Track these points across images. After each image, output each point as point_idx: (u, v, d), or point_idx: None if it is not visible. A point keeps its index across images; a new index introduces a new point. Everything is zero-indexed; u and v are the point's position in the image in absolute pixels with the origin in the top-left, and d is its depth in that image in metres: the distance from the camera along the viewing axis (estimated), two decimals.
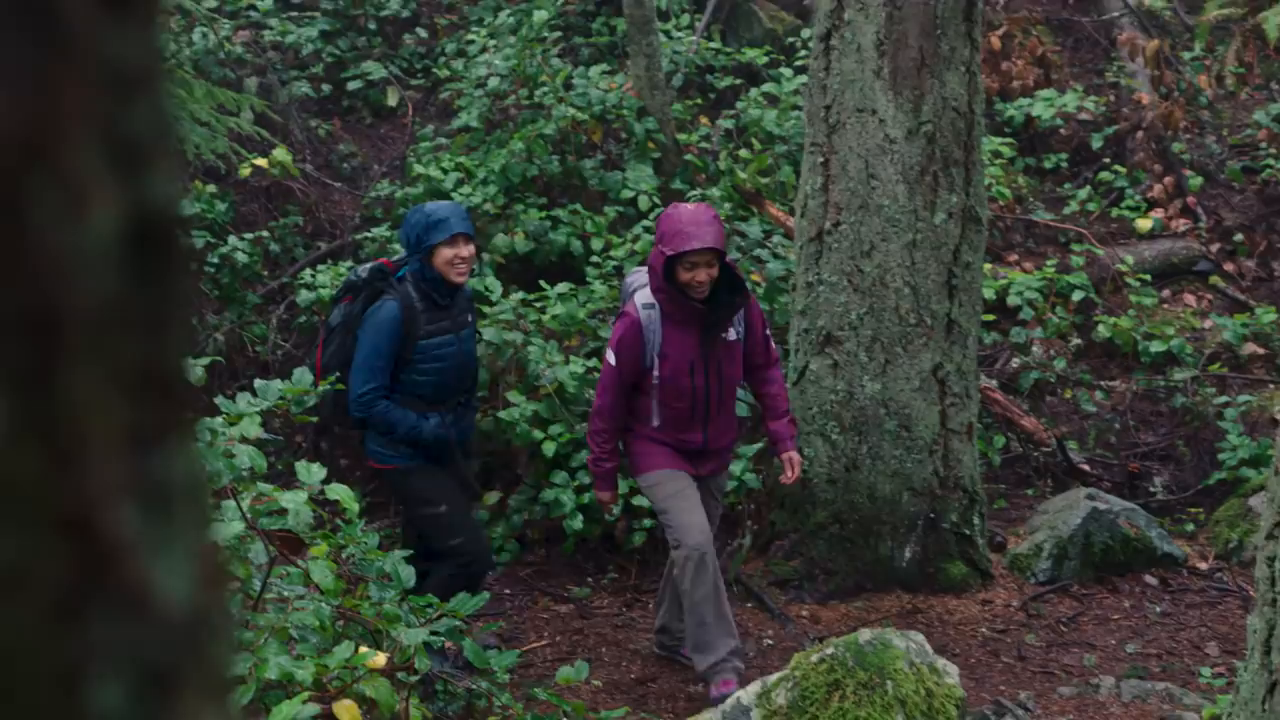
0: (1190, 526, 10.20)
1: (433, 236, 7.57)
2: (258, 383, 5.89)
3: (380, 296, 7.70)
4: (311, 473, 5.51)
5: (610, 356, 7.53)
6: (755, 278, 10.66)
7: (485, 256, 11.25)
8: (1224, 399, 11.03)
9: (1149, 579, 9.28)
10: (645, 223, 11.39)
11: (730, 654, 7.48)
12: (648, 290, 7.51)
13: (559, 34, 13.77)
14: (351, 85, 14.15)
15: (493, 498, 9.85)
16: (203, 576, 0.75)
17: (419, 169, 12.06)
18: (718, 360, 7.55)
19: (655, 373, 7.51)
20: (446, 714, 6.59)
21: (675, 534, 7.51)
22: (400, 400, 7.71)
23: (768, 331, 7.86)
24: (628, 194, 11.92)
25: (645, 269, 7.71)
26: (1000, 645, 8.45)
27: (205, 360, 5.95)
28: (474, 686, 6.70)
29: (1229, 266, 12.77)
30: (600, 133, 12.45)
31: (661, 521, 7.82)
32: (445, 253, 7.61)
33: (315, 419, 9.99)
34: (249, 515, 5.33)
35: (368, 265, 7.94)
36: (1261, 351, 11.48)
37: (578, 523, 9.30)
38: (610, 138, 12.69)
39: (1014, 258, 12.69)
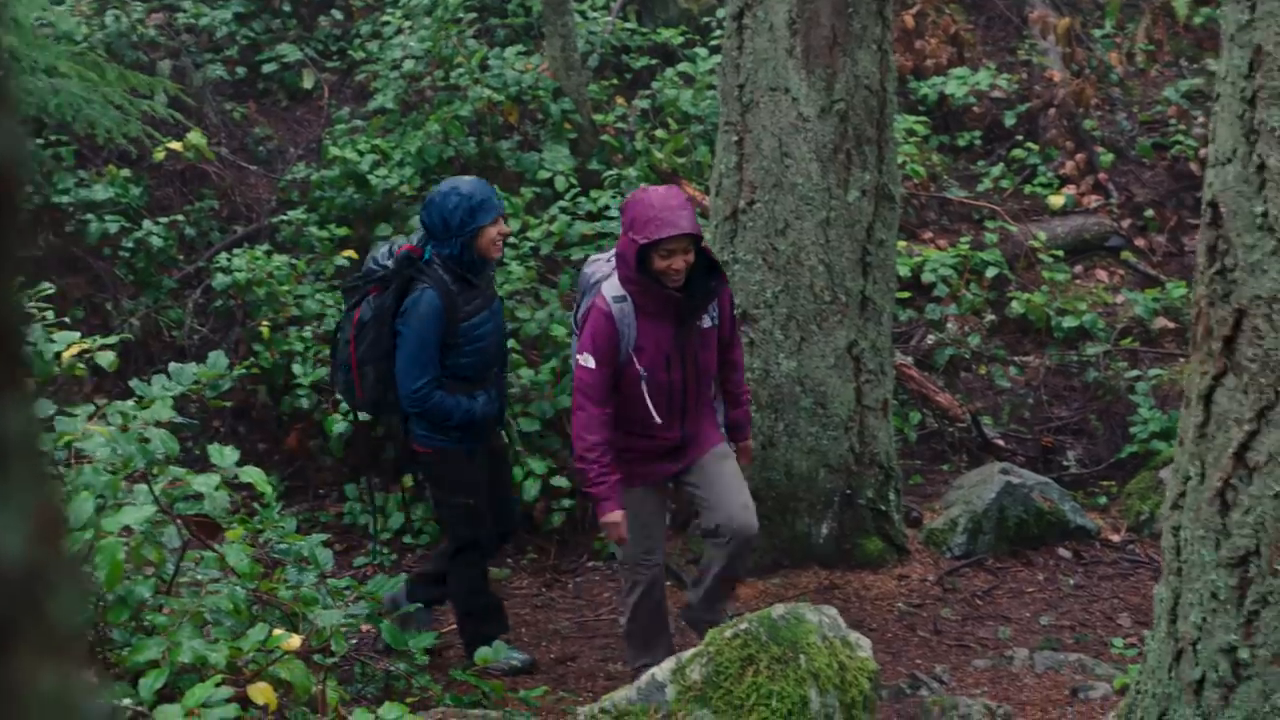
0: (1103, 499, 10.29)
1: (479, 218, 7.39)
2: (172, 366, 5.87)
3: (413, 285, 7.51)
4: (224, 455, 5.48)
5: (586, 360, 7.01)
6: None
7: (401, 239, 11.23)
8: (1135, 373, 11.13)
9: (1062, 552, 9.37)
10: (561, 203, 11.41)
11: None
12: (615, 281, 7.04)
13: (474, 15, 13.74)
14: (266, 68, 14.03)
15: (410, 480, 9.86)
16: (38, 533, 0.74)
17: (335, 151, 12.01)
18: (694, 350, 7.12)
19: (635, 367, 7.03)
20: (364, 695, 6.58)
21: (623, 556, 7.36)
22: (446, 385, 7.54)
23: (735, 312, 7.57)
24: (544, 175, 11.91)
25: (602, 258, 7.43)
26: (916, 619, 8.52)
27: (113, 339, 5.89)
28: (392, 668, 6.70)
29: (1140, 242, 12.88)
30: (516, 114, 12.43)
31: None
32: (490, 232, 7.46)
33: (228, 404, 9.97)
34: (162, 499, 5.30)
35: (385, 252, 7.77)
36: (1172, 325, 11.61)
37: None
38: (526, 119, 12.68)
39: (928, 235, 12.75)
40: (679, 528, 9.17)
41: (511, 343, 9.90)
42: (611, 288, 7.02)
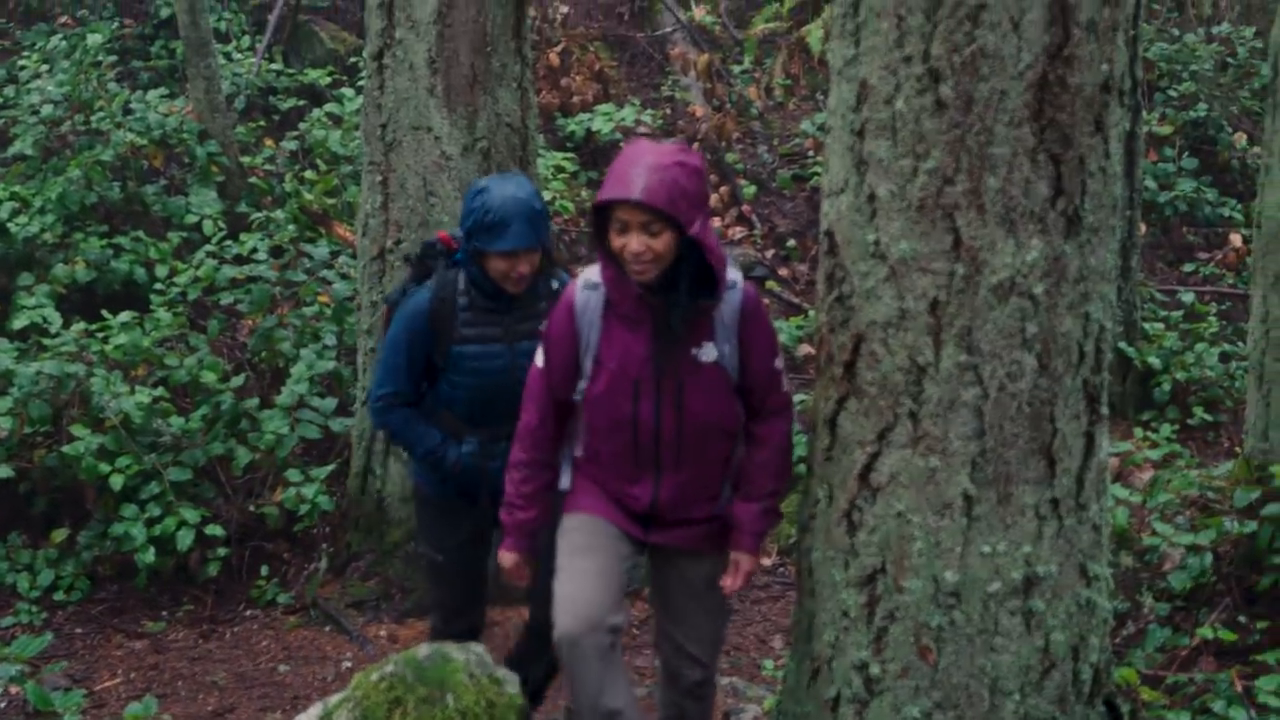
0: None
1: (485, 242, 5.79)
2: None
3: (427, 278, 6.13)
4: None
5: (538, 356, 5.37)
6: (323, 299, 10.61)
7: (45, 287, 10.96)
8: None
9: None
10: (209, 247, 11.24)
11: None
12: (597, 268, 5.19)
13: (115, 58, 13.53)
14: None
15: (60, 535, 9.60)
16: None
17: None
18: (677, 386, 5.11)
19: (584, 384, 5.26)
20: None
21: (554, 607, 5.20)
22: (437, 413, 6.14)
23: (778, 364, 5.25)
24: (192, 219, 11.78)
25: None
26: None
27: None
28: None
29: (784, 271, 13.22)
30: (161, 158, 12.27)
31: None
32: (498, 265, 5.83)
33: None
34: None
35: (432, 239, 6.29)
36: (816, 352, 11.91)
37: (149, 556, 9.12)
38: (172, 162, 12.52)
39: (579, 270, 12.87)
40: (338, 572, 9.09)
41: (160, 390, 9.70)
42: (590, 272, 5.25)
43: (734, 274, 5.10)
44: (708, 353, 5.09)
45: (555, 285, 6.15)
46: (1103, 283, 4.29)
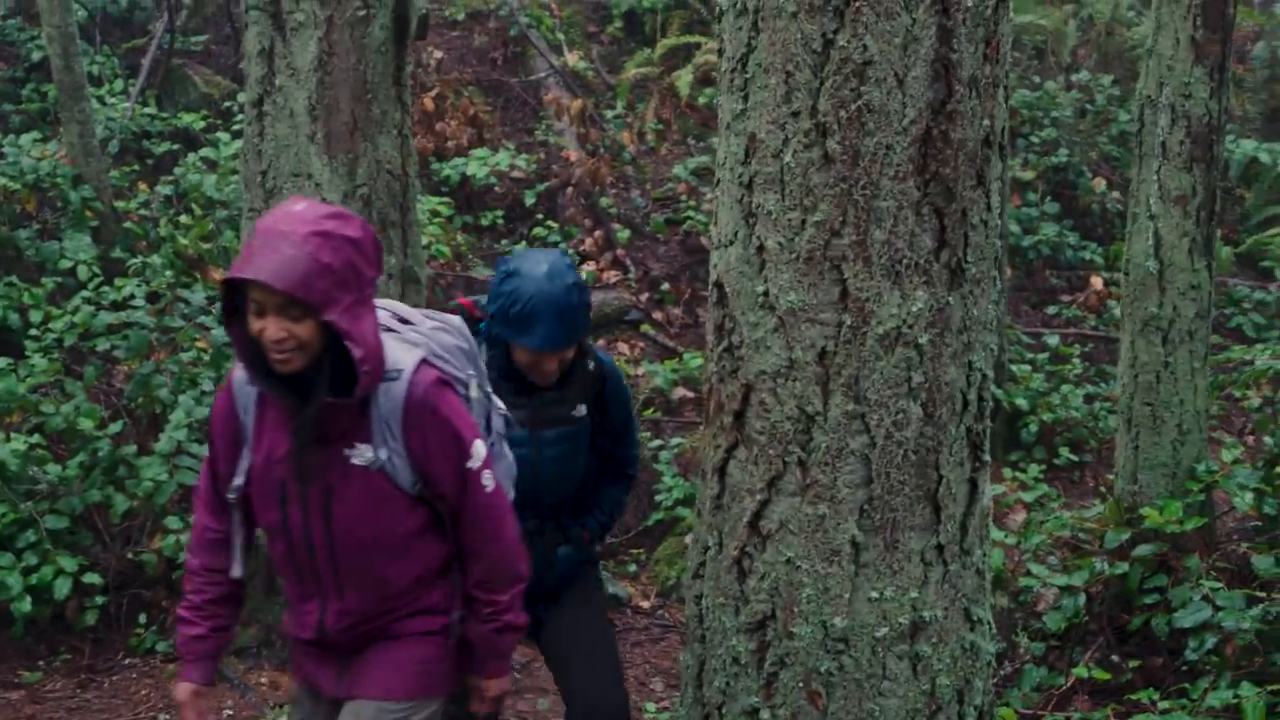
0: (633, 567, 10.53)
1: (510, 334, 5.22)
2: None
3: None
4: None
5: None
6: (201, 344, 10.55)
7: None
8: (659, 443, 11.45)
9: None
10: (85, 293, 11.15)
11: None
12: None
13: None
14: None
15: None
16: None
17: None
18: (325, 492, 4.31)
19: (238, 481, 4.45)
20: None
21: None
22: None
23: (472, 464, 4.42)
24: (66, 264, 11.66)
25: None
26: None
27: None
28: None
29: (658, 315, 13.30)
30: (34, 202, 12.17)
31: None
32: (523, 357, 5.28)
33: None
34: None
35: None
36: (691, 395, 12.01)
37: (26, 605, 9.00)
38: (45, 207, 12.41)
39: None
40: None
41: (37, 437, 9.59)
42: None
43: (405, 360, 4.33)
44: (361, 455, 4.28)
45: (590, 366, 5.58)
46: (984, 332, 4.38)
